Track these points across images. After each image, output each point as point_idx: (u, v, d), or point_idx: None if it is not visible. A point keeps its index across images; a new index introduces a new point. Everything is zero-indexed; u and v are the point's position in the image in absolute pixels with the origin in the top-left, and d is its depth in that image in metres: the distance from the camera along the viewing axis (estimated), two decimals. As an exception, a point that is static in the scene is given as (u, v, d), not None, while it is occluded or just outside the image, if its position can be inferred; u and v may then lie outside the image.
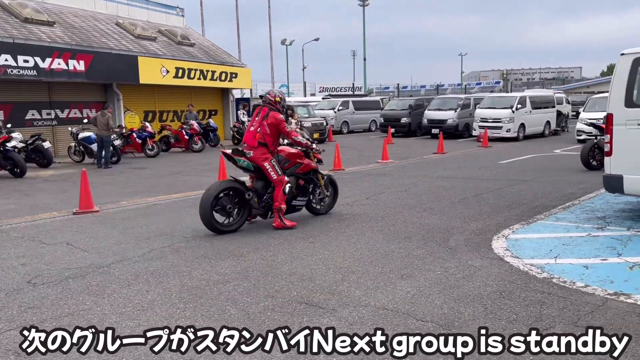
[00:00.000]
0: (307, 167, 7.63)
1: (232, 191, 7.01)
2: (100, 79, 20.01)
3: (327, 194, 8.02)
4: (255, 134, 7.18)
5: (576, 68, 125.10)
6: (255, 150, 7.13)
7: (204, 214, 6.79)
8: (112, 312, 4.29)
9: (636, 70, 6.54)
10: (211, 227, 6.85)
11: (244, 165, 7.20)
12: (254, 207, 7.13)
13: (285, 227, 7.08)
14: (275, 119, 7.12)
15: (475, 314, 4.01)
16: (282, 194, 7.11)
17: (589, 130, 19.23)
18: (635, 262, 5.10)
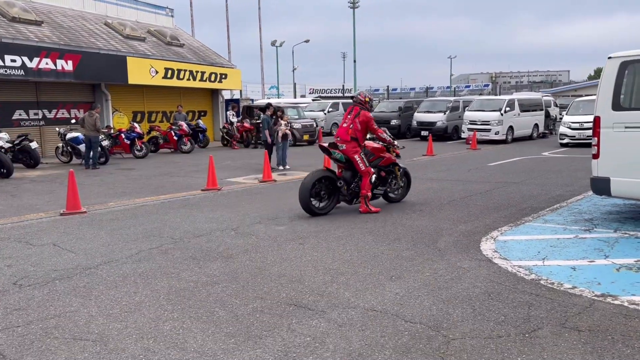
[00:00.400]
0: (389, 160, 8.63)
1: (325, 180, 8.05)
2: (89, 79, 19.87)
3: (402, 184, 8.98)
4: (347, 130, 8.12)
5: (564, 71, 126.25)
6: (347, 144, 8.06)
7: (303, 198, 7.81)
8: (99, 314, 4.25)
9: (623, 74, 6.61)
10: (308, 209, 7.88)
11: (337, 157, 8.16)
12: (342, 193, 8.16)
13: (370, 211, 8.04)
14: (366, 117, 8.13)
15: (463, 315, 4.02)
16: (368, 183, 8.09)
17: (572, 134, 19.02)
18: (622, 264, 5.14)
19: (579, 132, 18.91)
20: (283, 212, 8.29)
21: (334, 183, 8.09)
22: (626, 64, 6.60)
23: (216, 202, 9.41)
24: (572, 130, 19.20)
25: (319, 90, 52.64)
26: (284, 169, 14.36)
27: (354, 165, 8.09)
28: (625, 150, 6.55)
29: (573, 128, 19.21)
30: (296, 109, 24.87)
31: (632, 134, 6.50)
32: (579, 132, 18.91)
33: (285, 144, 14.71)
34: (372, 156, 8.41)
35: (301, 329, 3.84)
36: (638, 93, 6.79)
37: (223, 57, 29.59)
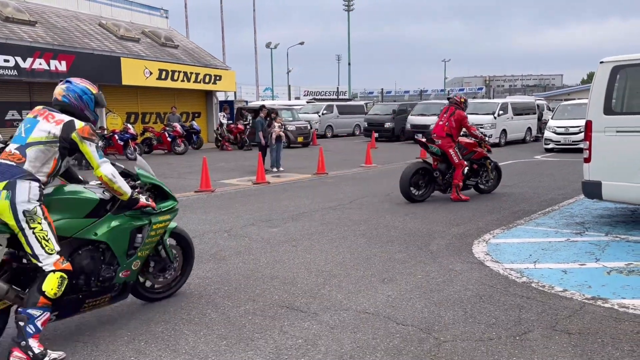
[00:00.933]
0: (480, 154, 9.58)
1: (423, 170, 9.14)
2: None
3: (492, 177, 9.87)
4: (444, 127, 9.18)
5: (557, 75, 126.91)
6: (442, 139, 9.14)
7: (403, 186, 8.93)
8: (91, 315, 4.23)
9: (615, 78, 6.66)
10: (408, 197, 8.99)
11: (434, 150, 9.26)
12: (438, 183, 9.24)
13: (461, 199, 9.09)
14: (460, 116, 9.16)
15: (455, 318, 4.03)
16: (461, 174, 9.10)
17: (557, 139, 18.44)
18: (613, 267, 5.18)
19: (565, 137, 18.40)
20: (276, 214, 8.29)
21: (430, 174, 9.20)
22: (618, 69, 6.65)
23: (209, 204, 9.40)
24: (557, 135, 18.67)
25: (314, 93, 52.71)
26: (277, 170, 14.36)
27: (449, 158, 9.11)
28: (616, 155, 6.60)
29: (558, 133, 18.65)
30: (290, 111, 24.88)
31: (624, 138, 6.55)
32: (565, 137, 18.40)
33: (279, 145, 14.72)
34: (465, 150, 9.41)
35: (293, 331, 3.85)
36: (630, 97, 6.85)
37: (217, 58, 29.56)
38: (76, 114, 3.77)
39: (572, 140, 17.98)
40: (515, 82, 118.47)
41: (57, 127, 3.61)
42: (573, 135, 17.89)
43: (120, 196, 3.85)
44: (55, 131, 3.59)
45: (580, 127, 17.36)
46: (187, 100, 25.63)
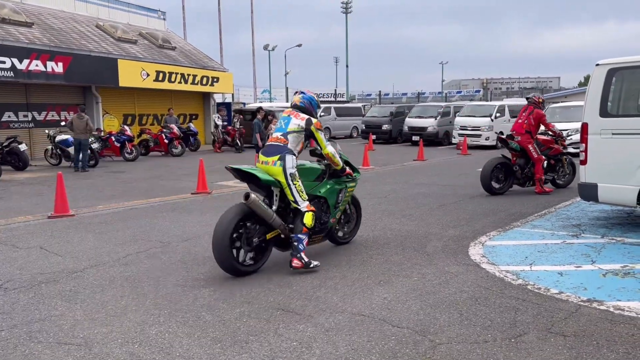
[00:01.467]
0: (557, 150, 10.25)
1: (502, 165, 9.82)
2: (79, 82, 19.77)
3: (567, 172, 10.54)
4: (523, 125, 9.95)
5: (555, 78, 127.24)
6: (522, 136, 9.91)
7: (484, 179, 9.73)
8: (85, 318, 4.21)
9: (611, 81, 6.67)
10: (489, 190, 9.78)
11: (513, 146, 9.98)
12: (517, 177, 9.98)
13: (545, 192, 9.87)
14: (538, 114, 9.90)
15: (450, 320, 4.02)
16: (541, 168, 9.81)
17: None
18: (609, 269, 5.18)
19: None
20: (273, 216, 8.27)
21: (509, 168, 9.92)
22: (614, 71, 6.66)
23: (206, 206, 9.37)
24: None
25: (311, 95, 52.63)
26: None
27: (527, 153, 9.83)
28: (612, 157, 6.61)
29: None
30: (288, 113, 24.82)
31: (619, 140, 6.56)
32: None
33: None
34: (543, 147, 10.08)
35: (288, 334, 3.83)
36: (625, 100, 6.86)
37: (215, 60, 29.56)
38: (308, 113, 5.65)
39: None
40: (513, 84, 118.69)
41: (302, 122, 5.52)
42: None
43: (336, 166, 5.86)
44: (302, 124, 5.50)
45: (568, 130, 17.01)
46: (185, 102, 25.62)
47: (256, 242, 5.25)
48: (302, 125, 5.49)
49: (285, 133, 5.46)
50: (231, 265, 5.04)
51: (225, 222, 4.99)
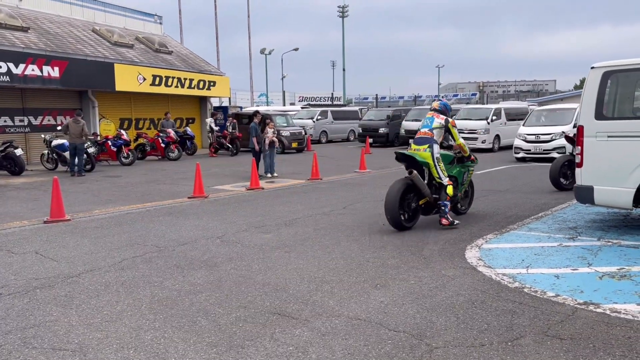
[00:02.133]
0: None
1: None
2: (76, 86, 19.74)
3: None
4: None
5: (550, 81, 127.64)
6: None
7: (553, 177, 10.62)
8: (80, 323, 4.19)
9: (606, 84, 6.69)
10: (558, 186, 10.62)
11: None
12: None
13: None
14: None
15: (447, 324, 4.01)
16: None
17: (528, 147, 17.14)
18: (605, 272, 5.18)
19: (535, 146, 16.99)
20: (270, 220, 8.26)
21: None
22: (609, 74, 6.68)
23: (202, 210, 9.36)
24: (527, 144, 17.19)
25: (308, 98, 52.76)
26: (271, 176, 14.33)
27: None
28: (608, 159, 6.62)
29: (529, 141, 17.17)
30: (285, 117, 24.88)
31: (615, 143, 6.57)
32: (535, 146, 16.99)
33: (273, 151, 14.70)
34: None
35: (284, 338, 3.82)
36: (620, 103, 6.88)
37: (212, 64, 29.57)
38: (444, 114, 7.69)
39: (542, 149, 16.81)
40: (509, 87, 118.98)
41: (442, 120, 7.55)
42: (544, 143, 16.82)
43: (465, 154, 7.93)
44: (442, 122, 7.54)
45: (552, 134, 16.64)
46: (181, 106, 25.59)
47: (413, 207, 7.37)
48: (442, 123, 7.52)
49: (431, 128, 7.49)
50: (399, 223, 7.16)
51: (393, 193, 7.09)
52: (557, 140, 16.40)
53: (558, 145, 16.23)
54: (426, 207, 7.51)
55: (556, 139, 16.37)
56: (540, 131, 17.10)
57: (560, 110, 18.09)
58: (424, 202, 7.43)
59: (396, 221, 7.14)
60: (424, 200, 7.40)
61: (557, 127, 16.76)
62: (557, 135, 16.37)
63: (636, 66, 6.61)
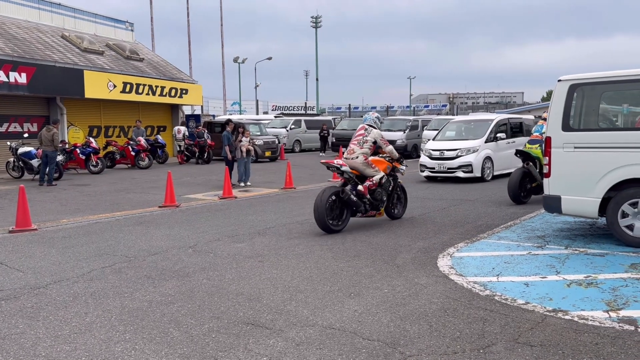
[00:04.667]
0: None
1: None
2: (44, 93, 19.33)
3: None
4: None
5: (518, 93, 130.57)
6: None
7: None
8: (47, 335, 4.08)
9: (572, 96, 6.88)
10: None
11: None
12: None
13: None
14: None
15: (420, 332, 4.04)
16: None
17: (432, 165, 14.65)
18: (573, 280, 5.30)
19: (439, 163, 14.60)
20: (243, 229, 8.21)
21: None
22: (575, 87, 6.88)
23: (174, 219, 9.23)
24: (431, 161, 14.82)
25: (282, 107, 52.76)
26: (245, 185, 14.25)
27: None
28: (574, 170, 6.80)
29: (433, 157, 14.79)
30: (258, 126, 24.83)
31: (581, 154, 6.76)
32: (439, 163, 14.60)
33: (248, 160, 14.63)
34: None
35: (258, 349, 3.79)
36: (586, 115, 7.08)
37: (184, 72, 29.34)
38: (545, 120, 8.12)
39: (447, 167, 14.44)
40: (478, 99, 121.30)
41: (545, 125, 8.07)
42: (448, 160, 14.45)
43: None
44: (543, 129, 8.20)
45: (458, 150, 14.39)
46: (153, 114, 25.30)
47: (528, 188, 9.65)
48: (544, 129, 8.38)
49: (541, 133, 8.42)
50: (518, 199, 10.16)
51: (515, 178, 10.24)
52: (463, 157, 14.32)
53: (464, 163, 14.28)
54: (537, 188, 10.21)
55: (462, 155, 14.38)
56: (446, 146, 14.84)
57: (476, 123, 16.01)
58: (536, 185, 10.21)
59: (517, 198, 10.25)
60: (535, 183, 10.20)
61: (465, 143, 14.73)
62: (463, 152, 14.43)
63: (601, 79, 6.83)
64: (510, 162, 14.62)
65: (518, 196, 10.38)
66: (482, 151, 14.50)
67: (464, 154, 14.39)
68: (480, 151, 14.48)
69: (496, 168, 14.95)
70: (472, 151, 14.42)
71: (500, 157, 15.00)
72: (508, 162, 14.87)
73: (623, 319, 4.23)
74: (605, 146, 6.61)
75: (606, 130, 7.26)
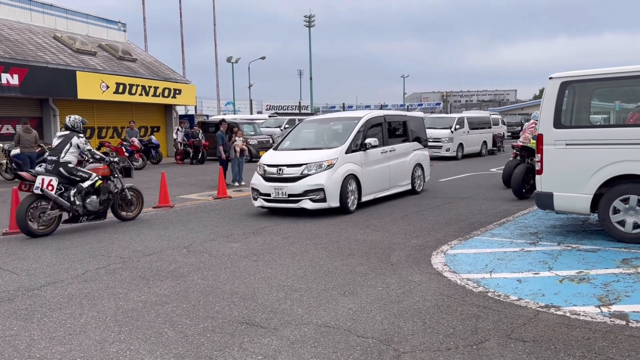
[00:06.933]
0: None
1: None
2: (36, 94, 19.23)
3: None
4: None
5: (511, 91, 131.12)
6: None
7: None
8: (42, 337, 4.08)
9: (564, 94, 6.93)
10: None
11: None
12: None
13: None
14: None
15: (414, 329, 4.07)
16: None
17: (267, 189, 9.22)
18: (565, 276, 5.34)
19: (277, 187, 9.21)
20: (237, 229, 8.21)
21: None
22: (566, 84, 6.93)
23: (168, 220, 9.23)
24: (266, 183, 9.37)
25: (276, 107, 52.80)
26: (239, 185, 14.25)
27: None
28: (566, 167, 6.85)
29: (269, 177, 9.38)
30: (252, 125, 24.81)
31: (573, 150, 6.81)
32: (277, 187, 9.21)
33: (242, 160, 14.63)
34: None
35: (253, 348, 3.80)
36: (577, 111, 7.13)
37: (177, 72, 29.26)
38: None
39: (286, 193, 9.10)
40: (472, 97, 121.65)
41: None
42: (289, 183, 9.13)
43: None
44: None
45: (305, 165, 9.09)
46: (146, 115, 25.22)
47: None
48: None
49: None
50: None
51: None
52: (311, 177, 8.98)
53: (312, 187, 8.94)
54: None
55: (310, 173, 9.03)
56: (287, 160, 9.44)
57: (336, 123, 10.83)
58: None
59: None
60: None
61: (315, 154, 9.39)
62: (311, 168, 9.07)
63: (592, 76, 6.88)
64: (387, 182, 10.60)
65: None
66: (341, 166, 9.22)
67: (312, 172, 9.04)
68: (339, 166, 9.20)
69: (367, 190, 9.87)
70: (325, 167, 9.07)
71: (373, 174, 10.03)
72: (385, 181, 10.51)
73: (614, 313, 4.28)
74: (597, 143, 6.67)
75: (597, 127, 7.32)
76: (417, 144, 12.08)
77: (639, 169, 6.39)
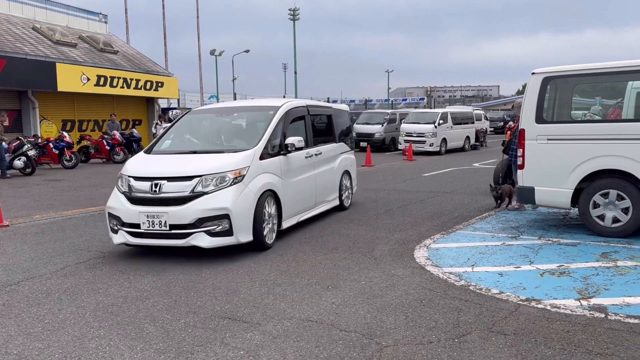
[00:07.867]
0: None
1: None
2: (14, 86, 18.87)
3: None
4: None
5: (494, 86, 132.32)
6: None
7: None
8: (19, 333, 4.00)
9: (545, 89, 6.98)
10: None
11: None
12: None
13: None
14: None
15: (396, 323, 4.08)
16: None
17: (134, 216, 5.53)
18: (546, 269, 5.40)
19: (150, 214, 5.93)
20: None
21: None
22: (548, 80, 6.98)
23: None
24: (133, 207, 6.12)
25: (259, 101, 52.40)
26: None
27: None
28: (547, 161, 6.91)
29: (137, 197, 6.18)
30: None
31: (554, 145, 6.87)
32: (150, 214, 5.93)
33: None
34: None
35: (235, 343, 3.77)
36: (559, 107, 7.20)
37: (159, 65, 28.92)
38: None
39: (169, 222, 5.87)
40: (455, 92, 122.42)
41: None
42: (172, 207, 5.92)
43: None
44: None
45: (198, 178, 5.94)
46: (127, 107, 24.92)
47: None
48: None
49: None
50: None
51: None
52: (211, 196, 5.95)
53: (212, 213, 5.90)
54: None
55: (208, 190, 6.00)
56: (168, 169, 6.30)
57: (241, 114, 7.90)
58: None
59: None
60: None
61: (217, 159, 6.36)
62: (210, 181, 6.04)
63: (574, 72, 6.95)
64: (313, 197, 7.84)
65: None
66: (255, 178, 6.35)
67: (210, 188, 6.03)
68: (251, 179, 6.31)
69: (289, 212, 7.11)
70: (231, 181, 6.12)
71: (297, 188, 7.31)
72: (311, 197, 7.79)
73: (594, 306, 4.33)
74: (578, 138, 6.74)
75: (579, 122, 7.40)
76: (343, 145, 9.35)
77: (619, 164, 6.48)
